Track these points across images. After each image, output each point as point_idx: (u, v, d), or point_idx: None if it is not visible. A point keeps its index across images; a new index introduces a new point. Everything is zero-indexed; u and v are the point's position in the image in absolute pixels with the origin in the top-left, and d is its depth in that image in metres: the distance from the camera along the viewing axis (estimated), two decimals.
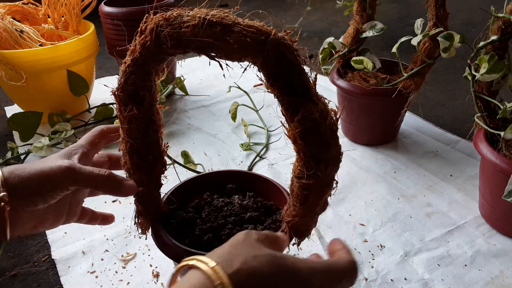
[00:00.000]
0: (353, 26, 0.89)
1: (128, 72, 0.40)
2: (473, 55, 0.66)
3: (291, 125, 0.38)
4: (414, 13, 1.84)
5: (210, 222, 0.53)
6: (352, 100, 0.88)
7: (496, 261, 0.62)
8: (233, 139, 0.96)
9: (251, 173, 0.61)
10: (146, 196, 0.48)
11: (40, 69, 0.92)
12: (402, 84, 0.81)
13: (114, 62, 1.39)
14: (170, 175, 0.77)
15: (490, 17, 0.64)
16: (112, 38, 1.06)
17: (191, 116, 1.06)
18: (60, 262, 0.64)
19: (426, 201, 0.75)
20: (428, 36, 0.76)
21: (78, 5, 1.03)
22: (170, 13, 0.36)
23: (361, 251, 0.65)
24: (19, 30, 0.94)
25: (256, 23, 0.36)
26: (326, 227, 0.69)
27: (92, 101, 1.10)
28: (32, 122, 0.92)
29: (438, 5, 0.76)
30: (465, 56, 0.69)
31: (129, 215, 0.73)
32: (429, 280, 0.60)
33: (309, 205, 0.43)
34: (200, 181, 0.61)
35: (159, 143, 0.47)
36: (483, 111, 0.66)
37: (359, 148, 0.91)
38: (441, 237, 0.67)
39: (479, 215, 0.71)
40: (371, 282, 0.59)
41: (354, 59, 0.84)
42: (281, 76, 0.37)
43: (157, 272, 0.62)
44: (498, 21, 0.63)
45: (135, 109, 0.42)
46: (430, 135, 0.95)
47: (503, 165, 0.60)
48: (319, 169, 0.40)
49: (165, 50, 0.37)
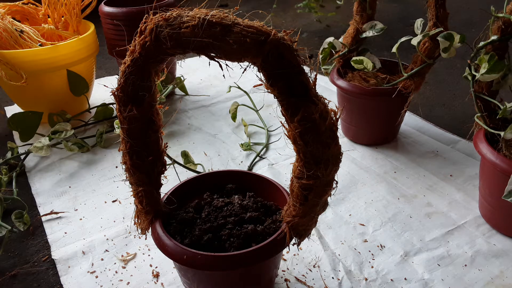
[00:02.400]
0: (353, 26, 0.89)
1: (128, 73, 0.40)
2: (473, 55, 0.66)
3: (291, 125, 0.38)
4: (414, 13, 1.84)
5: (210, 222, 0.53)
6: (352, 100, 0.88)
7: (496, 261, 0.62)
8: (233, 139, 0.96)
9: (251, 173, 0.61)
10: (146, 196, 0.48)
11: (40, 69, 0.92)
12: (402, 84, 0.81)
13: (114, 62, 1.39)
14: (170, 175, 0.77)
15: (490, 17, 0.64)
16: (112, 38, 1.06)
17: (191, 116, 1.06)
18: (60, 262, 0.64)
19: (426, 201, 0.75)
20: (428, 36, 0.76)
21: (78, 5, 1.03)
22: (170, 14, 0.36)
23: (361, 251, 0.65)
24: (19, 30, 0.94)
25: (256, 24, 0.36)
26: (326, 227, 0.69)
27: (92, 101, 1.10)
28: (32, 122, 0.92)
29: (438, 5, 0.76)
30: (465, 56, 0.69)
31: (129, 215, 0.73)
32: (429, 280, 0.60)
33: (309, 205, 0.43)
34: (200, 181, 0.61)
35: (159, 143, 0.47)
36: (483, 111, 0.66)
37: (359, 148, 0.91)
38: (441, 237, 0.67)
39: (479, 215, 0.71)
40: (371, 282, 0.59)
41: (354, 59, 0.84)
42: (280, 77, 0.37)
43: (157, 272, 0.62)
44: (498, 21, 0.63)
45: (134, 110, 0.42)
46: (430, 135, 0.95)
47: (503, 165, 0.60)
48: (319, 170, 0.40)
49: (164, 50, 0.37)
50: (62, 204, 0.76)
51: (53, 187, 0.81)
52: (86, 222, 0.72)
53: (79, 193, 0.79)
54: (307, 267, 0.62)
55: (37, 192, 0.80)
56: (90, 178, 0.83)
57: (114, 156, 0.90)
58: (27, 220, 0.71)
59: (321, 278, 0.60)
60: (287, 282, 0.60)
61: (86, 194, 0.79)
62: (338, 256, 0.64)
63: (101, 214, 0.74)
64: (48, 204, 0.76)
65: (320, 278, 0.60)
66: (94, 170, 0.86)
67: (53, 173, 0.85)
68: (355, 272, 0.61)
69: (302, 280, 0.60)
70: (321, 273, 0.61)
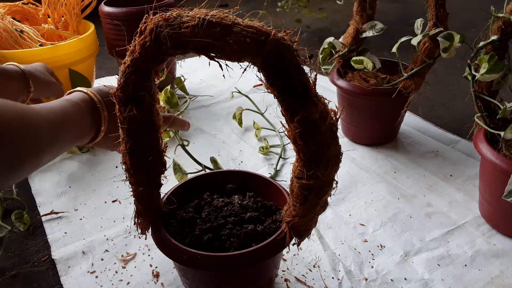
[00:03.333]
0: (353, 26, 0.89)
1: (128, 73, 0.40)
2: (473, 55, 0.66)
3: (291, 125, 0.38)
4: (414, 13, 1.84)
5: (210, 222, 0.53)
6: (352, 100, 0.88)
7: (496, 261, 0.62)
8: (233, 139, 0.96)
9: (251, 173, 0.61)
10: (146, 196, 0.48)
11: None
12: (402, 84, 0.81)
13: (114, 62, 1.39)
14: (170, 175, 0.77)
15: (490, 17, 0.64)
16: (112, 38, 1.06)
17: (191, 116, 1.06)
18: (60, 262, 0.64)
19: (426, 201, 0.75)
20: (428, 36, 0.76)
21: (78, 5, 1.03)
22: (170, 14, 0.36)
23: (361, 251, 0.65)
24: (19, 30, 0.94)
25: (256, 24, 0.36)
26: (326, 227, 0.69)
27: None
28: None
29: (438, 5, 0.76)
30: (465, 56, 0.69)
31: (129, 215, 0.73)
32: (429, 280, 0.59)
33: (309, 205, 0.43)
34: (200, 181, 0.61)
35: (159, 143, 0.47)
36: (483, 111, 0.66)
37: (359, 148, 0.91)
38: (441, 237, 0.67)
39: (479, 215, 0.71)
40: (371, 282, 0.59)
41: (354, 59, 0.84)
42: (280, 77, 0.37)
43: (157, 272, 0.62)
44: (498, 21, 0.63)
45: (134, 110, 0.42)
46: (430, 135, 0.95)
47: (503, 165, 0.60)
48: (319, 170, 0.40)
49: (164, 50, 0.37)
50: (62, 204, 0.76)
51: (53, 187, 0.81)
52: (86, 222, 0.72)
53: (79, 193, 0.79)
54: (307, 267, 0.62)
55: (37, 192, 0.80)
56: (90, 178, 0.83)
57: (114, 156, 0.89)
58: (27, 220, 0.71)
59: (321, 278, 0.60)
60: (287, 282, 0.60)
61: (86, 194, 0.79)
62: (338, 256, 0.64)
63: (101, 214, 0.74)
64: (48, 204, 0.76)
65: (320, 278, 0.60)
66: (94, 170, 0.86)
67: (53, 173, 0.85)
68: (355, 272, 0.61)
69: (302, 280, 0.60)
70: (321, 273, 0.61)
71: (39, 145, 0.43)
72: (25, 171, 0.42)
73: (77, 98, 0.51)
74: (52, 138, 0.44)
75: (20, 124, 0.40)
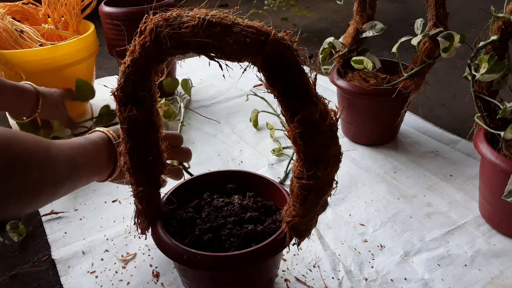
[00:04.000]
0: (353, 26, 0.89)
1: (128, 73, 0.40)
2: (473, 55, 0.66)
3: (291, 125, 0.38)
4: (414, 13, 1.84)
5: (210, 222, 0.53)
6: (352, 100, 0.88)
7: (496, 261, 0.62)
8: (233, 139, 0.96)
9: (251, 173, 0.61)
10: (146, 196, 0.48)
11: (40, 69, 0.92)
12: (402, 84, 0.81)
13: (114, 62, 1.39)
14: None
15: (490, 17, 0.64)
16: (112, 38, 1.06)
17: (191, 116, 1.06)
18: (60, 262, 0.64)
19: (426, 201, 0.75)
20: (428, 36, 0.76)
21: (78, 5, 1.03)
22: (170, 14, 0.36)
23: (361, 251, 0.65)
24: (19, 30, 0.94)
25: (256, 24, 0.36)
26: (326, 227, 0.69)
27: (92, 101, 1.10)
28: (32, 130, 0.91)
29: (438, 5, 0.76)
30: (465, 56, 0.69)
31: (129, 215, 0.73)
32: (429, 280, 0.59)
33: (309, 205, 0.43)
34: (200, 181, 0.61)
35: (159, 143, 0.47)
36: (483, 111, 0.66)
37: (359, 148, 0.91)
38: (441, 237, 0.67)
39: (479, 215, 0.71)
40: (371, 282, 0.59)
41: (354, 59, 0.84)
42: (280, 77, 0.37)
43: (157, 272, 0.62)
44: (498, 21, 0.63)
45: (134, 110, 0.42)
46: (430, 135, 0.95)
47: (503, 165, 0.60)
48: (319, 170, 0.40)
49: (164, 50, 0.37)
50: (62, 204, 0.76)
51: None
52: (86, 222, 0.72)
53: (79, 193, 0.79)
54: (307, 267, 0.62)
55: None
56: None
57: None
58: (22, 231, 0.70)
59: (321, 278, 0.60)
60: (287, 282, 0.60)
61: (86, 194, 0.79)
62: (338, 256, 0.64)
63: (101, 214, 0.74)
64: (48, 204, 0.76)
65: (320, 278, 0.60)
66: None
67: None
68: (355, 272, 0.61)
69: (302, 280, 0.60)
70: (321, 273, 0.61)
71: (57, 176, 0.45)
72: (42, 201, 0.45)
73: (95, 136, 0.55)
74: (70, 171, 0.48)
75: (42, 156, 0.43)
